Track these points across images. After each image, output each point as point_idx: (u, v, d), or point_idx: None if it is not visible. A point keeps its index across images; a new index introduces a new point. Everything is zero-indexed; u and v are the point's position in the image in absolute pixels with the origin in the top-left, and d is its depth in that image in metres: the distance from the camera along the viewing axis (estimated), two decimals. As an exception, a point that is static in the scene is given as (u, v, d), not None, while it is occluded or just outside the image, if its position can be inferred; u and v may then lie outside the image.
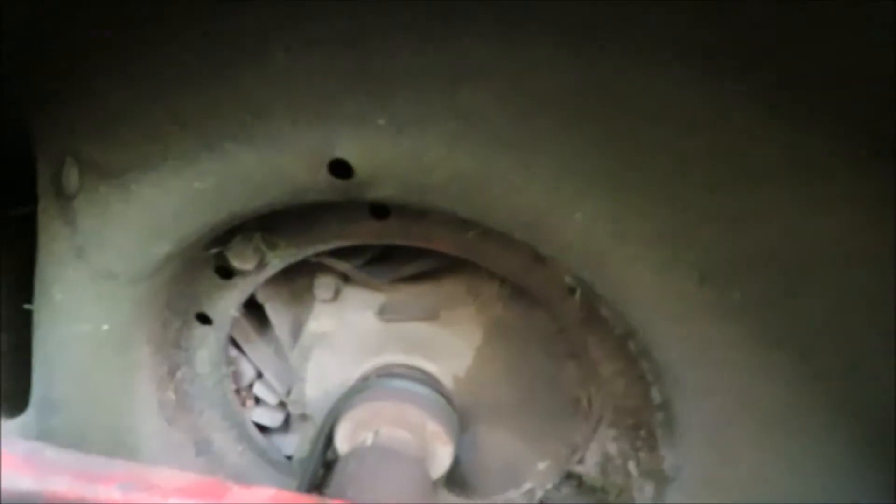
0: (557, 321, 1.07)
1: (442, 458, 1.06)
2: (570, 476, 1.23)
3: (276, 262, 1.06)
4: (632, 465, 1.09)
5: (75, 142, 0.94)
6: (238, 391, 1.28)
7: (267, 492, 0.90)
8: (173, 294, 1.08)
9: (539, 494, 1.24)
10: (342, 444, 1.07)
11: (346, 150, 0.84)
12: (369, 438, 1.05)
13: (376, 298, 1.14)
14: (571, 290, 0.99)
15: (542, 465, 1.22)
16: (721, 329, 0.88)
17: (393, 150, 0.83)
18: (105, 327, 1.04)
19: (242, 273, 1.09)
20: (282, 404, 1.31)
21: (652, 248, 0.84)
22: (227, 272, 1.10)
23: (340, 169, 0.85)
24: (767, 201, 0.81)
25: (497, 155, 0.81)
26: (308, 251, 1.05)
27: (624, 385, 1.08)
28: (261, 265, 1.06)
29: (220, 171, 0.88)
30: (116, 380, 1.09)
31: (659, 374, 0.94)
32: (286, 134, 0.84)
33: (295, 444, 1.35)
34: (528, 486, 1.24)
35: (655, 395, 0.97)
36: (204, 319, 1.16)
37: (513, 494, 1.25)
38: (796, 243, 0.82)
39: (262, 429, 1.34)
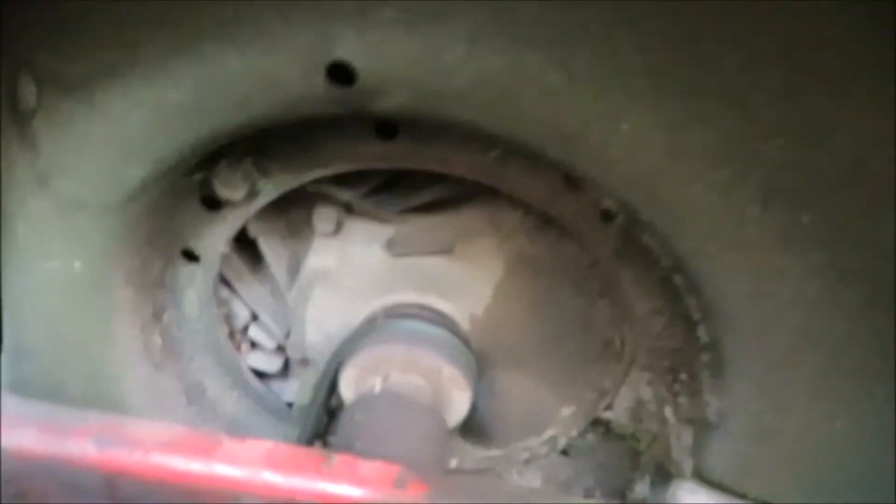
0: (588, 254, 0.95)
1: (459, 405, 0.96)
2: (596, 423, 1.13)
3: (268, 191, 0.93)
4: (668, 412, 0.99)
5: (30, 50, 0.81)
6: (232, 335, 1.17)
7: (263, 445, 0.79)
8: (153, 227, 0.96)
9: (562, 442, 1.14)
10: (347, 391, 0.96)
11: (347, 51, 0.71)
12: (377, 385, 0.94)
13: (383, 231, 1.01)
14: (608, 218, 0.87)
15: (566, 412, 1.12)
16: (786, 259, 0.76)
17: (403, 49, 0.70)
18: (77, 265, 0.92)
19: (231, 203, 0.96)
20: (280, 348, 1.20)
21: (711, 165, 0.72)
22: (213, 202, 0.98)
23: (341, 74, 0.72)
24: (849, 110, 0.69)
25: (529, 53, 0.68)
26: (305, 177, 0.92)
27: (661, 325, 0.97)
28: (251, 194, 0.94)
29: (199, 78, 0.74)
30: (94, 324, 0.97)
31: (709, 311, 0.82)
32: (276, 32, 0.71)
33: (295, 390, 1.24)
34: (550, 433, 1.14)
35: (702, 334, 0.86)
36: (190, 256, 1.04)
37: (533, 442, 1.16)
38: (879, 159, 0.70)
39: (259, 375, 1.23)
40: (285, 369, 1.27)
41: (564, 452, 1.17)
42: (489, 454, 1.18)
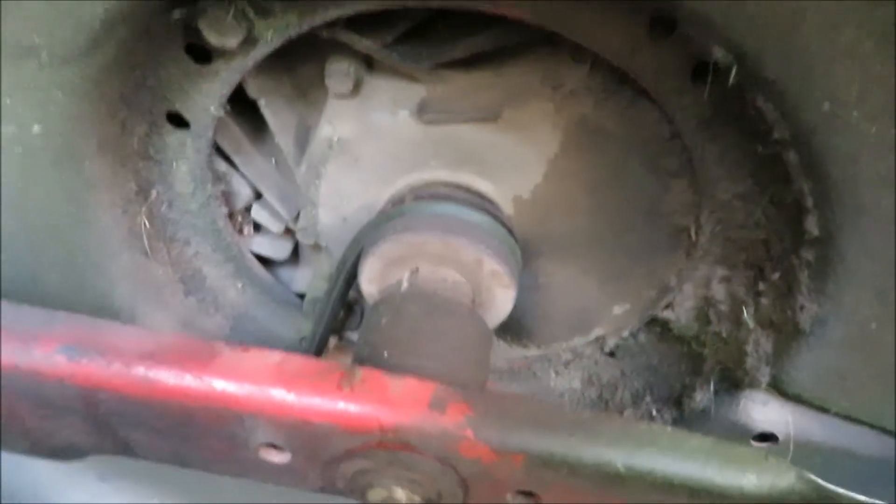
0: (668, 124, 0.77)
1: (501, 304, 0.81)
2: (652, 322, 0.98)
3: (269, 37, 0.74)
4: (747, 314, 0.84)
5: None
6: (232, 216, 1.00)
7: (270, 357, 0.64)
8: (129, 84, 0.78)
9: (611, 343, 1.00)
10: (368, 285, 0.81)
11: None
12: (405, 280, 0.78)
13: (412, 91, 0.82)
14: (701, 76, 0.68)
15: (618, 310, 0.97)
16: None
17: None
18: (35, 129, 0.74)
19: (223, 53, 0.78)
20: (288, 231, 1.04)
21: (873, 2, 0.52)
22: (202, 52, 0.79)
23: None
24: None
25: None
26: (314, 20, 0.73)
27: (746, 212, 0.80)
28: (248, 41, 0.75)
29: None
30: (64, 203, 0.81)
31: (828, 197, 0.65)
32: None
33: (306, 279, 1.10)
34: (598, 332, 1.00)
35: (811, 226, 0.69)
36: (178, 121, 0.87)
37: (578, 342, 1.02)
38: None
39: (265, 262, 1.08)
40: (295, 255, 1.11)
41: (611, 353, 1.04)
42: (526, 353, 1.05)
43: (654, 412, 1.00)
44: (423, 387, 0.63)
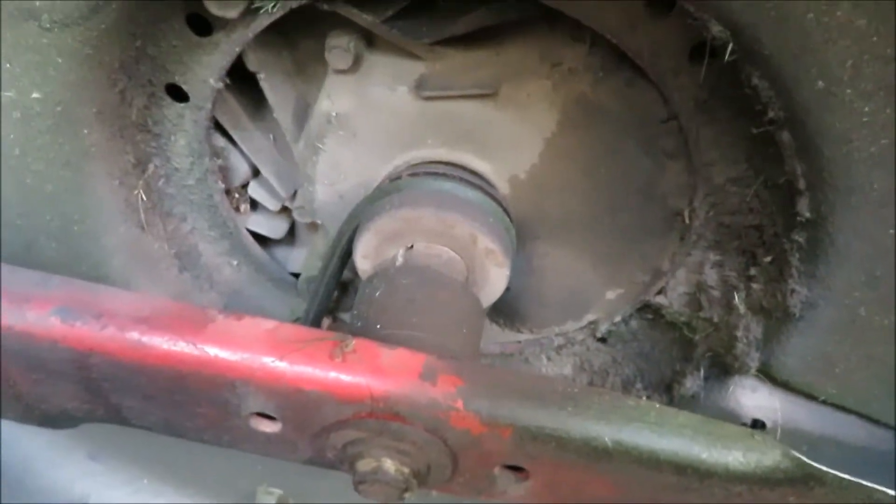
0: (665, 104, 0.77)
1: (495, 283, 0.81)
2: (644, 308, 0.98)
3: (270, 7, 0.74)
4: (738, 299, 0.84)
5: None
6: (229, 192, 1.00)
7: (263, 324, 0.64)
8: (130, 53, 0.78)
9: (603, 328, 1.01)
10: (363, 261, 0.81)
11: None
12: (399, 256, 0.79)
13: (412, 68, 0.83)
14: (698, 55, 0.68)
15: (611, 294, 0.97)
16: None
17: None
18: (35, 95, 0.74)
19: (224, 24, 0.78)
20: (285, 210, 1.04)
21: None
22: (203, 24, 0.79)
23: None
24: None
25: None
26: (315, -9, 0.72)
27: (741, 196, 0.80)
28: (249, 12, 0.75)
29: None
30: (62, 170, 0.81)
31: (821, 179, 0.66)
32: None
33: (302, 259, 1.10)
34: (590, 317, 1.01)
35: (803, 209, 0.69)
36: (177, 93, 0.87)
37: (570, 327, 1.02)
38: None
39: (262, 240, 1.08)
40: (291, 235, 1.12)
41: (602, 339, 1.04)
42: (519, 338, 1.05)
43: (645, 398, 1.01)
44: (414, 357, 0.63)
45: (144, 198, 0.92)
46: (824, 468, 0.61)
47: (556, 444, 0.62)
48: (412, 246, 0.79)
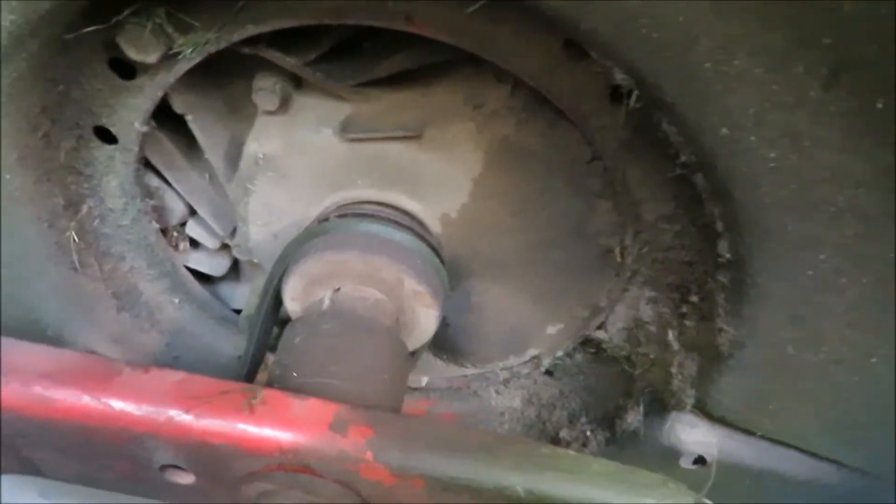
0: (590, 145, 0.77)
1: (425, 324, 0.80)
2: (586, 342, 0.98)
3: (189, 53, 0.74)
4: (672, 336, 0.84)
5: None
6: (166, 231, 1.00)
7: (171, 377, 0.63)
8: (52, 97, 0.77)
9: (546, 363, 1.00)
10: (292, 304, 0.80)
11: None
12: (327, 299, 0.78)
13: (339, 109, 0.82)
14: (618, 98, 0.68)
15: (552, 329, 0.97)
16: (846, 158, 0.58)
17: None
18: (-52, 142, 0.73)
19: (146, 68, 0.77)
20: (226, 247, 1.03)
21: (764, 29, 0.52)
22: (125, 67, 0.78)
23: None
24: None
25: None
26: (232, 36, 0.72)
27: (672, 234, 0.80)
28: (169, 56, 0.74)
29: None
30: (-16, 216, 0.80)
31: (736, 221, 0.66)
32: None
33: (246, 295, 1.09)
34: (533, 352, 1.00)
35: (724, 250, 0.69)
36: (106, 136, 0.86)
37: (514, 361, 1.01)
38: None
39: (207, 278, 1.07)
40: (236, 271, 1.11)
41: (549, 372, 1.03)
42: (464, 372, 1.04)
43: (589, 432, 1.00)
44: (325, 408, 0.62)
45: (77, 239, 0.91)
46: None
47: (469, 495, 0.61)
48: (339, 289, 0.79)
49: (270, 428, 0.61)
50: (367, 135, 0.80)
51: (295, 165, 0.86)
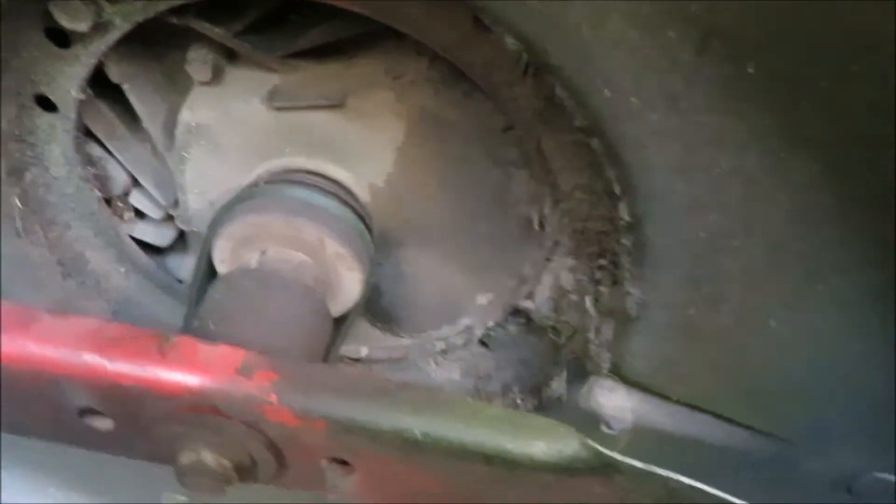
0: (505, 114, 0.81)
1: (348, 288, 0.84)
2: (517, 313, 1.01)
3: (119, 22, 0.77)
4: (589, 302, 0.87)
5: None
6: (109, 201, 1.02)
7: (87, 323, 0.67)
8: (-11, 64, 0.80)
9: (479, 333, 1.03)
10: (221, 266, 0.84)
11: None
12: (253, 261, 0.81)
13: (267, 80, 0.85)
14: (525, 66, 0.72)
15: (482, 299, 1.00)
16: (725, 120, 0.62)
17: None
18: None
19: (79, 37, 0.80)
20: (171, 217, 1.06)
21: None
22: (60, 36, 0.81)
23: None
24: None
25: None
26: (159, 6, 0.75)
27: (589, 204, 0.84)
28: (100, 25, 0.77)
29: None
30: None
31: (630, 182, 0.69)
32: None
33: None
34: (465, 322, 1.03)
35: (623, 213, 0.73)
36: (46, 103, 0.89)
37: (447, 331, 1.05)
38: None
39: (155, 248, 1.10)
40: (184, 242, 1.14)
41: (486, 344, 1.07)
42: (401, 343, 1.08)
43: (519, 401, 1.03)
44: (233, 353, 0.66)
45: (21, 205, 0.95)
46: (619, 457, 0.64)
47: (369, 436, 0.64)
48: (266, 251, 0.82)
49: (180, 371, 0.64)
50: (293, 103, 0.84)
51: (227, 135, 0.89)
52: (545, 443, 0.64)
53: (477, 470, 0.65)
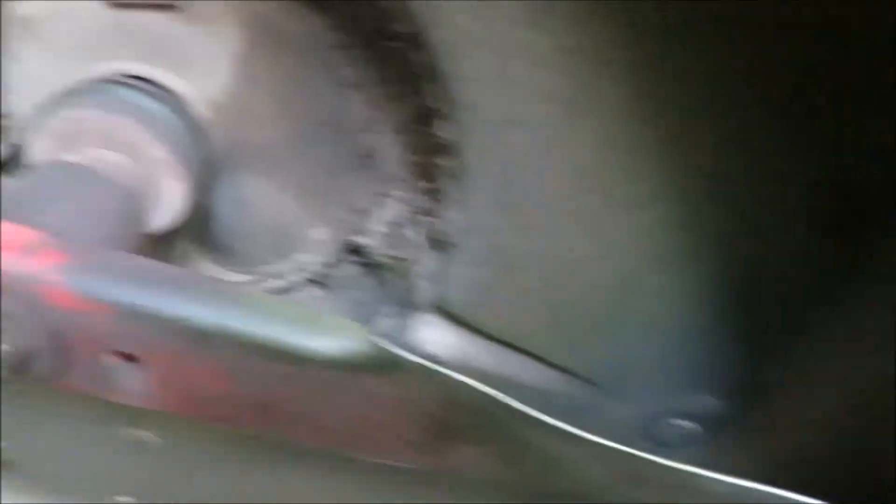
0: (341, 30, 0.81)
1: (169, 198, 0.82)
2: (354, 251, 1.01)
3: None
4: (416, 233, 0.88)
5: None
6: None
7: None
8: None
9: (312, 269, 1.02)
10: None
11: None
12: (70, 157, 0.78)
13: (104, -24, 0.83)
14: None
15: (316, 234, 0.99)
16: (536, 36, 0.64)
17: None
18: None
19: None
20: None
21: None
22: None
23: None
24: None
25: None
26: None
27: (424, 134, 0.85)
28: None
29: None
30: None
31: (448, 99, 0.71)
32: None
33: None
34: (298, 257, 1.02)
35: (443, 132, 0.74)
36: None
37: (280, 267, 1.02)
38: None
39: None
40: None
41: (322, 284, 1.06)
42: (237, 277, 1.05)
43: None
44: (23, 232, 0.63)
45: None
46: (404, 353, 0.64)
47: (155, 325, 0.63)
48: (84, 151, 0.79)
49: (-43, 247, 0.60)
50: (125, 1, 0.81)
51: (58, 31, 0.85)
52: (332, 338, 0.64)
53: (265, 366, 0.65)
